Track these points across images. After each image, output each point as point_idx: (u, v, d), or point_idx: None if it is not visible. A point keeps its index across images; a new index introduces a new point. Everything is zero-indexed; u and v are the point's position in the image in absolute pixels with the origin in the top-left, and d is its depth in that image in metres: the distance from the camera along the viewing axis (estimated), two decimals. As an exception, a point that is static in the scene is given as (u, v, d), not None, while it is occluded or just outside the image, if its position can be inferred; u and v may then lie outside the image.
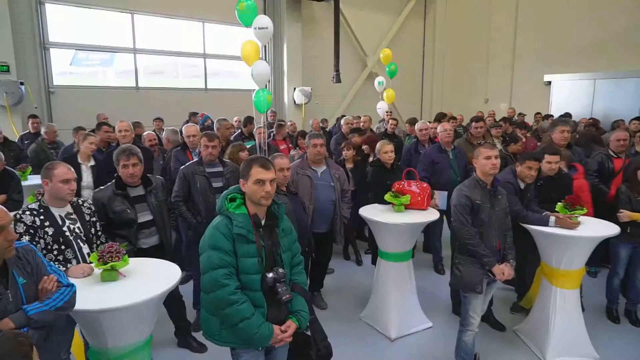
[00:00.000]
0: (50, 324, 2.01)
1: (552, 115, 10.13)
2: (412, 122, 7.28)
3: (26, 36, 8.83)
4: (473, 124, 6.07)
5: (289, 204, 3.39)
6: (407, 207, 4.10)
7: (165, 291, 2.44)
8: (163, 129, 7.59)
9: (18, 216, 2.65)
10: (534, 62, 13.18)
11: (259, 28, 5.82)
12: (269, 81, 9.10)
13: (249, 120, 6.94)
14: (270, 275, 2.28)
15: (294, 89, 12.20)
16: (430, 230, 5.48)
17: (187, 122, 8.38)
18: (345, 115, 8.48)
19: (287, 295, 2.29)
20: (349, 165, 5.50)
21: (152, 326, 2.61)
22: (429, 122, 6.64)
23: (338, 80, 11.65)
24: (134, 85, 10.45)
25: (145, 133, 5.91)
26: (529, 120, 10.61)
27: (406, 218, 3.93)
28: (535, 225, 3.63)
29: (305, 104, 12.11)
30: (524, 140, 6.65)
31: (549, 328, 3.66)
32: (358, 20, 13.63)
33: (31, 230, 2.64)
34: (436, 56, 16.10)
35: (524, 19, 13.44)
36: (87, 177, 4.61)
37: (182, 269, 2.83)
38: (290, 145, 7.01)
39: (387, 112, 10.07)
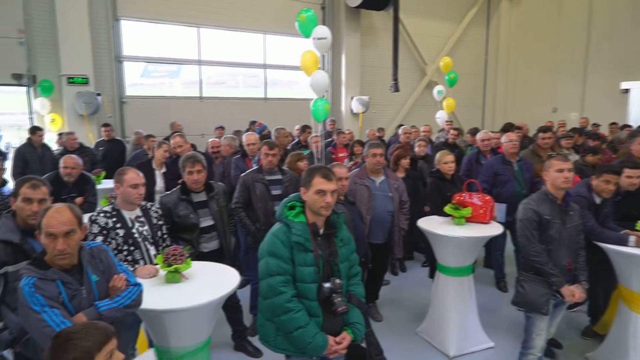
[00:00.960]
0: (119, 321, 2.11)
1: (630, 126, 9.38)
2: (474, 132, 7.05)
3: (103, 51, 9.51)
4: (540, 134, 5.74)
5: (347, 213, 3.37)
6: (468, 220, 3.95)
7: (225, 295, 2.50)
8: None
9: (93, 218, 2.83)
10: (609, 68, 12.33)
11: (318, 38, 5.90)
12: (326, 90, 9.22)
13: (304, 129, 7.03)
14: (327, 285, 2.27)
15: (352, 98, 12.23)
16: (492, 245, 5.24)
17: (247, 130, 8.63)
18: (403, 125, 8.36)
19: (343, 307, 2.27)
20: (401, 175, 5.39)
21: (212, 328, 2.68)
22: (492, 132, 6.38)
23: (396, 89, 11.53)
24: (198, 95, 10.94)
25: (209, 140, 6.15)
26: (604, 130, 9.90)
27: (467, 231, 3.78)
28: (612, 244, 3.36)
29: (362, 113, 12.09)
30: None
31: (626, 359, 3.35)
32: (417, 28, 13.46)
33: (104, 231, 2.81)
34: (499, 64, 15.52)
35: (598, 23, 12.64)
36: (160, 183, 4.87)
37: (240, 274, 2.90)
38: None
39: (447, 121, 9.82)
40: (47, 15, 8.74)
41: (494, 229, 3.88)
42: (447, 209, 3.95)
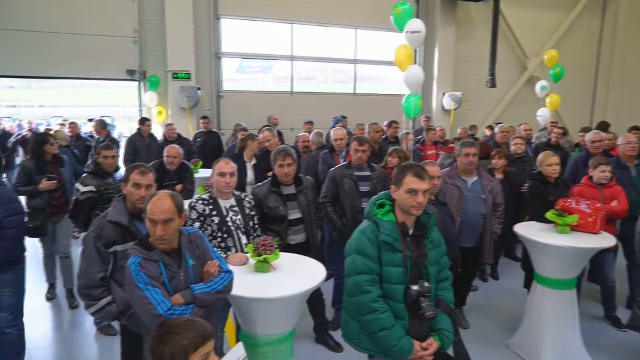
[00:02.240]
0: (211, 304, 2.21)
1: None
2: (587, 130, 6.41)
3: (204, 48, 10.14)
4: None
5: (438, 214, 3.23)
6: (574, 228, 3.59)
7: (312, 288, 2.52)
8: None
9: (192, 204, 3.01)
10: None
11: (411, 32, 5.72)
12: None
13: (391, 124, 6.91)
14: (415, 287, 2.19)
15: (443, 94, 11.77)
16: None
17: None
18: (501, 122, 7.85)
19: (431, 312, 2.18)
20: (499, 176, 5.05)
21: (296, 320, 2.72)
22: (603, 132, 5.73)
23: (493, 85, 10.87)
24: (289, 90, 11.23)
25: (299, 134, 6.29)
26: None
27: (572, 241, 3.43)
28: None
29: (454, 109, 11.58)
30: None
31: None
32: (519, 19, 12.55)
33: (201, 218, 2.98)
34: (615, 57, 13.95)
35: None
36: (251, 175, 5.08)
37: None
38: (440, 152, 6.75)
39: (551, 120, 9.04)
40: (157, 15, 9.53)
41: (605, 241, 3.48)
42: (550, 215, 3.62)
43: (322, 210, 4.06)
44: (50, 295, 4.82)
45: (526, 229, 3.72)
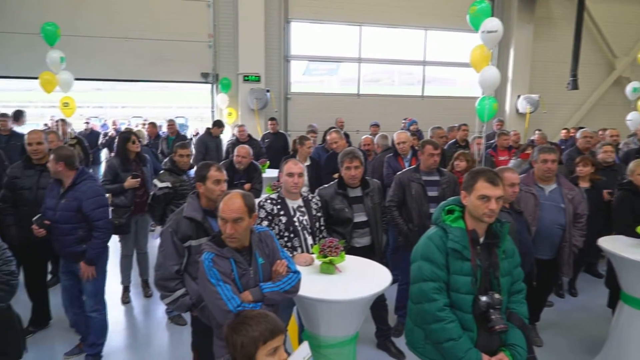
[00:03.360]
0: (278, 303, 2.25)
1: None
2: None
3: (274, 51, 10.43)
4: None
5: (513, 223, 3.06)
6: (670, 245, 3.24)
7: (377, 293, 2.50)
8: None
9: (261, 203, 3.09)
10: None
11: (487, 32, 5.45)
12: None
13: (460, 127, 6.67)
14: (484, 298, 2.09)
15: (518, 96, 11.18)
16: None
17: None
18: (583, 127, 7.30)
19: (502, 325, 2.07)
20: (584, 185, 4.68)
21: (360, 324, 2.69)
22: None
23: (574, 87, 10.13)
24: (356, 92, 11.21)
25: (363, 137, 6.25)
26: None
27: (668, 259, 3.10)
28: None
29: (530, 112, 10.95)
30: None
31: None
32: (607, 15, 11.62)
33: (269, 217, 3.05)
34: None
35: None
36: (305, 176, 5.11)
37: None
38: (513, 157, 6.40)
39: (644, 124, 8.26)
40: (231, 20, 9.94)
41: None
42: (641, 229, 3.30)
43: (388, 215, 4.00)
44: (126, 299, 4.83)
45: (613, 244, 3.42)
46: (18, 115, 7.66)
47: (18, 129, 6.74)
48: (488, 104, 5.40)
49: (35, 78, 7.35)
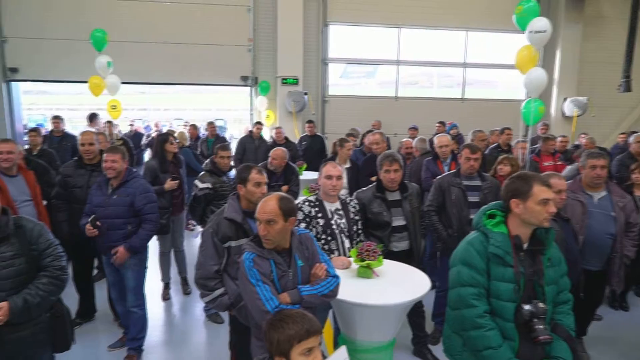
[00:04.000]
0: (316, 306, 2.25)
1: None
2: None
3: (312, 54, 10.50)
4: None
5: (559, 231, 2.94)
6: None
7: (416, 299, 2.46)
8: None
9: (299, 205, 3.10)
10: None
11: (535, 32, 5.25)
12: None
13: (503, 130, 6.47)
14: (528, 307, 2.03)
15: (565, 99, 10.74)
16: None
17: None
18: (636, 132, 6.93)
19: (546, 336, 2.00)
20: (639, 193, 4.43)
21: (397, 330, 2.65)
22: None
23: (627, 89, 9.59)
24: (394, 95, 11.11)
25: (402, 140, 6.18)
26: None
27: None
28: None
29: (577, 116, 10.51)
30: None
31: None
32: (666, 12, 10.97)
33: (307, 219, 3.06)
34: None
35: None
36: (344, 178, 5.10)
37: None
38: (558, 162, 6.16)
39: None
40: (270, 24, 10.09)
41: None
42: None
43: (426, 219, 3.93)
44: (166, 296, 4.97)
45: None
46: (93, 118, 8.11)
47: (70, 130, 7.09)
48: (534, 107, 5.20)
49: (85, 82, 7.70)
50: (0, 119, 9.87)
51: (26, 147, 5.99)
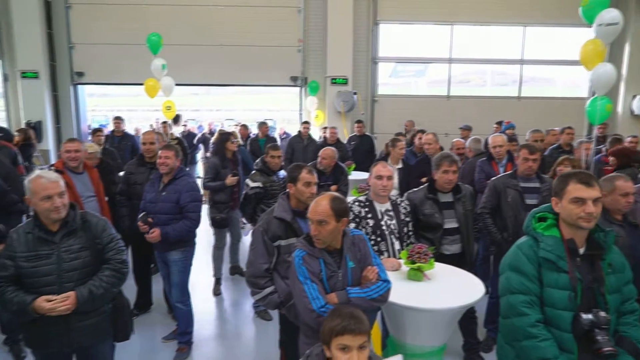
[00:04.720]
0: (364, 309, 2.21)
1: None
2: None
3: (362, 53, 10.44)
4: None
5: (624, 237, 2.74)
6: None
7: (469, 304, 2.38)
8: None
9: (349, 205, 3.08)
10: None
11: (605, 25, 4.87)
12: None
13: (564, 130, 6.13)
14: (587, 317, 1.89)
15: (634, 96, 10.02)
16: None
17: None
18: None
19: (610, 348, 1.85)
20: None
21: (449, 335, 2.58)
22: None
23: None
24: (446, 94, 10.83)
25: (454, 140, 6.01)
26: None
27: None
28: None
29: (649, 114, 9.80)
30: None
31: None
32: None
33: (357, 219, 3.03)
34: None
35: None
36: (396, 179, 5.03)
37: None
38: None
39: None
40: (320, 25, 10.13)
41: None
42: None
43: (479, 222, 3.79)
44: (217, 291, 5.06)
45: None
46: (177, 119, 8.55)
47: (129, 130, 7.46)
48: (600, 105, 4.85)
49: (141, 84, 8.08)
50: (67, 120, 10.60)
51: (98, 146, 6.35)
